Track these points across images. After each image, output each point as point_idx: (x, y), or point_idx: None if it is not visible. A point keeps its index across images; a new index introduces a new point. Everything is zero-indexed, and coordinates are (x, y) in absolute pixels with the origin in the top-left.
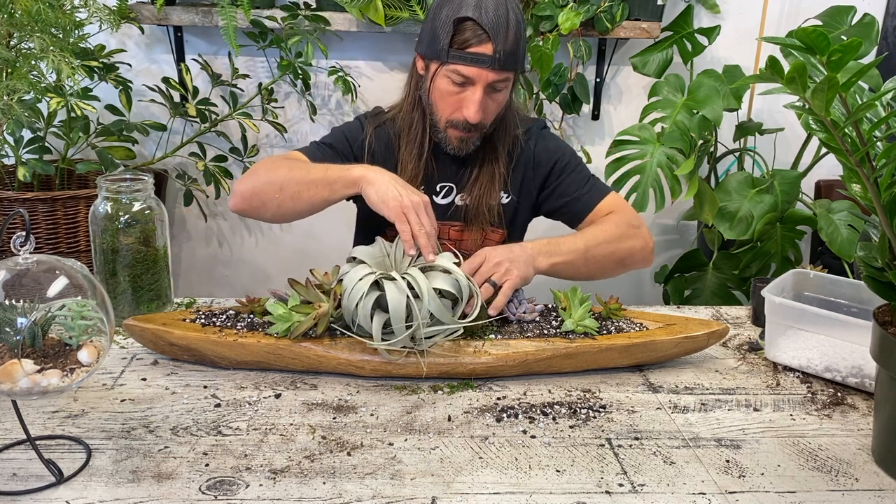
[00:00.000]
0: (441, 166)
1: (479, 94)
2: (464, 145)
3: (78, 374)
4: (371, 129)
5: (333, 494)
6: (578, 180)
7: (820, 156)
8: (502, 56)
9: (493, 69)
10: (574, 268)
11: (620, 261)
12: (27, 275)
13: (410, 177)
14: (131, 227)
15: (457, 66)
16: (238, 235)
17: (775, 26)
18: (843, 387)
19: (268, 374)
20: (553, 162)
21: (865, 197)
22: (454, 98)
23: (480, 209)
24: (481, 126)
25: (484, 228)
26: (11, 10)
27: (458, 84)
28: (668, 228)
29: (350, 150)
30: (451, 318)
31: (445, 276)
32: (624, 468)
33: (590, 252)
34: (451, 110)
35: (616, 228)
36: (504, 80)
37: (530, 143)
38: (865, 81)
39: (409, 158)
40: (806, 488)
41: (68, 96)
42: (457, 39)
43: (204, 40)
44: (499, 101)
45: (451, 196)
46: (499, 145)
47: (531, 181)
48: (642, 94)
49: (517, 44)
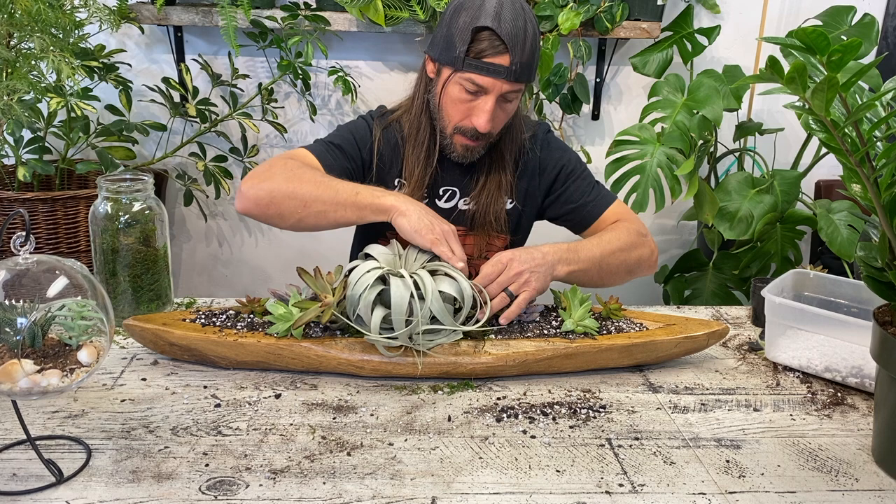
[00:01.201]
0: (445, 170)
1: (491, 103)
2: (469, 153)
3: (78, 374)
4: (379, 130)
5: (333, 494)
6: (584, 187)
7: (820, 156)
8: (518, 68)
9: (509, 80)
10: (588, 276)
11: (630, 270)
12: (27, 275)
13: (416, 181)
14: (131, 227)
15: (472, 74)
16: (238, 235)
17: (775, 26)
18: (843, 387)
19: (268, 374)
20: (559, 168)
21: (865, 197)
22: (465, 106)
23: (487, 217)
24: (489, 136)
25: (489, 234)
26: (11, 10)
27: (470, 92)
28: (668, 228)
29: (359, 152)
30: (451, 321)
31: (451, 281)
32: (624, 468)
33: (604, 260)
34: (460, 117)
35: (628, 237)
36: (517, 91)
37: (535, 150)
38: (865, 81)
39: (416, 162)
40: (806, 488)
41: (68, 96)
42: (473, 48)
43: (204, 40)
44: (508, 112)
45: (454, 200)
46: (506, 153)
47: (536, 188)
48: (642, 94)
49: (533, 56)
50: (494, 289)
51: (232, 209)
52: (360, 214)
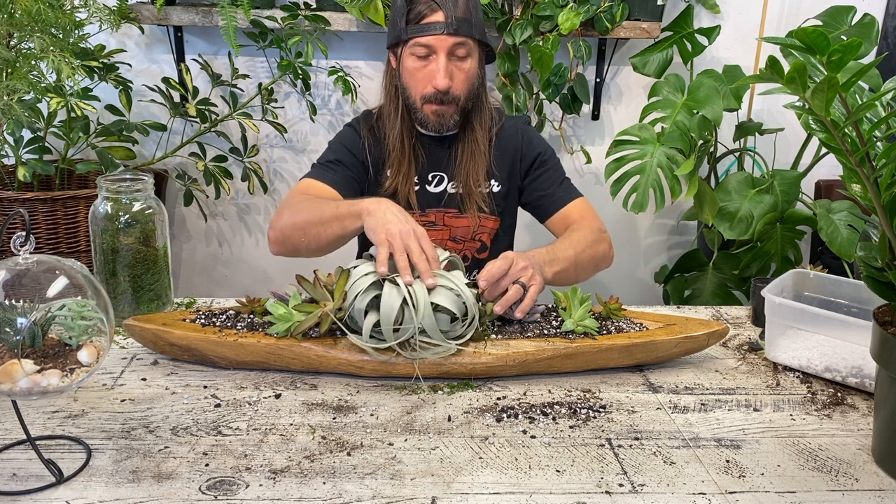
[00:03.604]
0: (429, 155)
1: (443, 60)
2: (442, 120)
3: (78, 374)
4: (366, 131)
5: (333, 494)
6: (555, 177)
7: (820, 156)
8: (454, 21)
9: (449, 34)
10: (566, 275)
11: (596, 264)
12: (27, 275)
13: (399, 166)
14: (131, 227)
15: (416, 38)
16: (238, 235)
17: (775, 26)
18: (843, 387)
19: (268, 374)
20: (536, 154)
21: (865, 197)
22: (422, 73)
23: (473, 197)
24: (454, 97)
25: (478, 215)
26: (11, 10)
27: (422, 57)
28: (668, 228)
29: (355, 158)
30: (441, 336)
31: (450, 293)
32: (624, 468)
33: (578, 258)
34: (422, 86)
35: (592, 234)
36: (463, 44)
37: (519, 134)
38: (865, 81)
39: (394, 146)
40: (806, 488)
41: (68, 96)
42: (411, 16)
43: (204, 40)
44: (466, 71)
45: (443, 185)
46: (478, 130)
47: (517, 171)
48: (642, 94)
49: (469, 10)
50: (506, 282)
51: (232, 209)
52: (343, 224)
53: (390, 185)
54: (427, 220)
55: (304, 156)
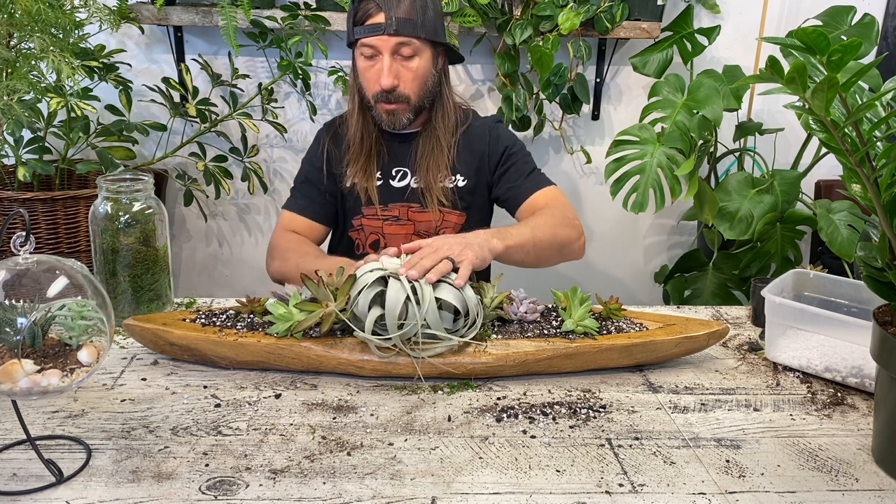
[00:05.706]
0: (392, 151)
1: (388, 60)
2: (394, 118)
3: (78, 374)
4: (327, 137)
5: (333, 494)
6: (524, 169)
7: (820, 156)
8: (394, 22)
9: (389, 34)
10: (524, 252)
11: (559, 248)
12: (27, 275)
13: (358, 162)
14: (131, 227)
15: (361, 38)
16: (238, 235)
17: (775, 26)
18: (843, 387)
19: (268, 374)
20: (503, 148)
21: (865, 197)
22: (371, 72)
23: (433, 192)
24: (403, 96)
25: (440, 209)
26: (11, 10)
27: (369, 57)
28: (668, 228)
29: (316, 169)
30: (444, 331)
31: (453, 290)
32: (624, 468)
33: (535, 237)
34: (372, 85)
35: (552, 217)
36: (406, 44)
37: (487, 131)
38: (865, 81)
39: (354, 142)
40: (806, 488)
41: (68, 96)
42: (357, 17)
43: (204, 40)
44: (413, 70)
45: (406, 180)
46: (440, 129)
47: (486, 166)
48: (642, 94)
49: (414, 11)
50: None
51: (232, 209)
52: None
53: (349, 180)
54: (390, 215)
55: (303, 156)
